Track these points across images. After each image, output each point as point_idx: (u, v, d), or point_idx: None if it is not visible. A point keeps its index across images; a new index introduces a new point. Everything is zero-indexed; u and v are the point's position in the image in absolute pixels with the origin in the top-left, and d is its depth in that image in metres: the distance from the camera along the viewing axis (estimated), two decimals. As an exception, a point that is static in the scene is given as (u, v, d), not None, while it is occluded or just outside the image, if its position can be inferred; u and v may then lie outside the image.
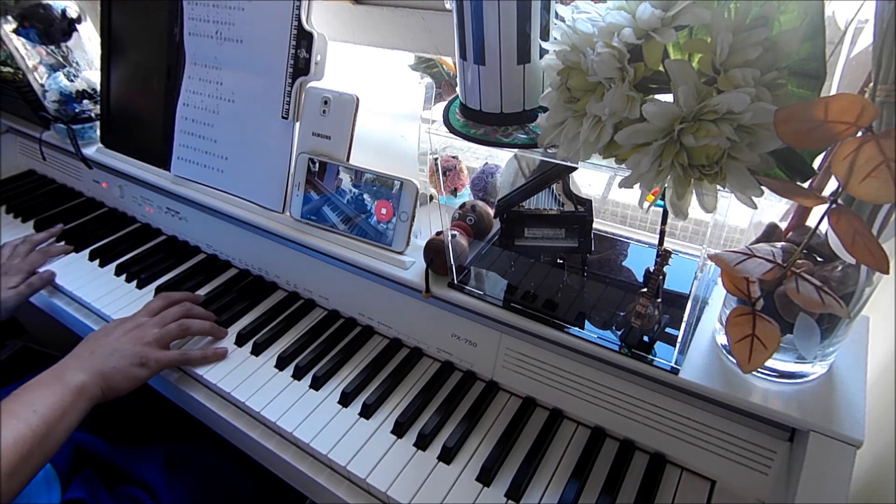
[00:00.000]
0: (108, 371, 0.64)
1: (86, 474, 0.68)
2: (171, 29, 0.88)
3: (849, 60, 0.45)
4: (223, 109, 0.84)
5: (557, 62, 0.44)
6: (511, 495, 0.55)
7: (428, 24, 0.74)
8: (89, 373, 0.63)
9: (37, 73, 1.01)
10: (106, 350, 0.66)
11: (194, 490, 0.71)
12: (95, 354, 0.65)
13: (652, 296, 0.55)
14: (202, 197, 0.87)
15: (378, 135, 0.77)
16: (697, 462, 0.55)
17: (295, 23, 0.73)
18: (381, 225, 0.71)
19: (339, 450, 0.60)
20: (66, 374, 0.62)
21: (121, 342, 0.68)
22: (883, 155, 0.32)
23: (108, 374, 0.64)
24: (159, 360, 0.68)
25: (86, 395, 0.61)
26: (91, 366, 0.64)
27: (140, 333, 0.70)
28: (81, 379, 0.62)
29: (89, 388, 0.62)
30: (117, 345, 0.67)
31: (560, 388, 0.62)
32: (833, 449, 0.47)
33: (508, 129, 0.53)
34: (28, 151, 1.19)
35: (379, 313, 0.75)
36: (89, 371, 0.63)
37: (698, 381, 0.53)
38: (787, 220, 0.51)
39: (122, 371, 0.65)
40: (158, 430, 0.82)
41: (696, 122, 0.37)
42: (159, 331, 0.70)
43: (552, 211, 0.64)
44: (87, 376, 0.62)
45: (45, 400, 0.58)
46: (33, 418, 0.56)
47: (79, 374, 0.62)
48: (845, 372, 0.53)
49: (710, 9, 0.36)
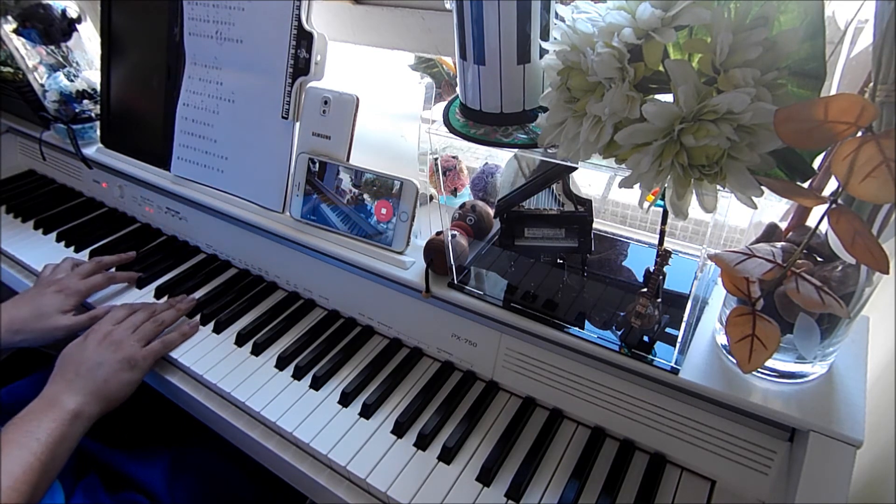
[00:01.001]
0: (99, 387, 0.64)
1: (88, 480, 0.68)
2: (171, 29, 0.88)
3: (849, 60, 0.45)
4: (223, 109, 0.84)
5: (557, 62, 0.44)
6: (511, 495, 0.55)
7: (428, 24, 0.74)
8: (83, 394, 0.62)
9: (37, 73, 1.01)
10: (89, 366, 0.65)
11: (196, 494, 0.71)
12: (81, 373, 0.64)
13: (652, 296, 0.55)
14: (202, 197, 0.87)
15: (378, 135, 0.77)
16: (697, 462, 0.55)
17: (295, 23, 0.73)
18: (381, 225, 0.71)
19: (339, 450, 0.60)
20: (61, 400, 0.61)
21: (100, 354, 0.66)
22: (883, 155, 0.32)
23: (101, 389, 0.64)
24: (146, 357, 0.68)
25: (83, 417, 0.61)
26: (82, 387, 0.63)
27: (114, 339, 0.69)
28: (77, 402, 0.62)
29: (86, 409, 0.62)
30: (98, 357, 0.66)
31: (560, 388, 0.62)
32: (833, 449, 0.47)
33: (508, 129, 0.53)
34: (28, 151, 1.18)
35: (379, 313, 0.75)
36: (82, 392, 0.63)
37: (698, 381, 0.53)
38: (787, 220, 0.51)
39: (113, 381, 0.65)
40: (160, 434, 0.82)
41: (696, 122, 0.37)
42: (135, 332, 0.70)
43: (552, 211, 0.64)
44: (81, 398, 0.62)
45: (46, 427, 0.58)
46: (37, 447, 0.56)
47: (73, 398, 0.62)
48: (845, 372, 0.53)
49: (710, 9, 0.36)
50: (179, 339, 0.73)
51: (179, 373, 0.73)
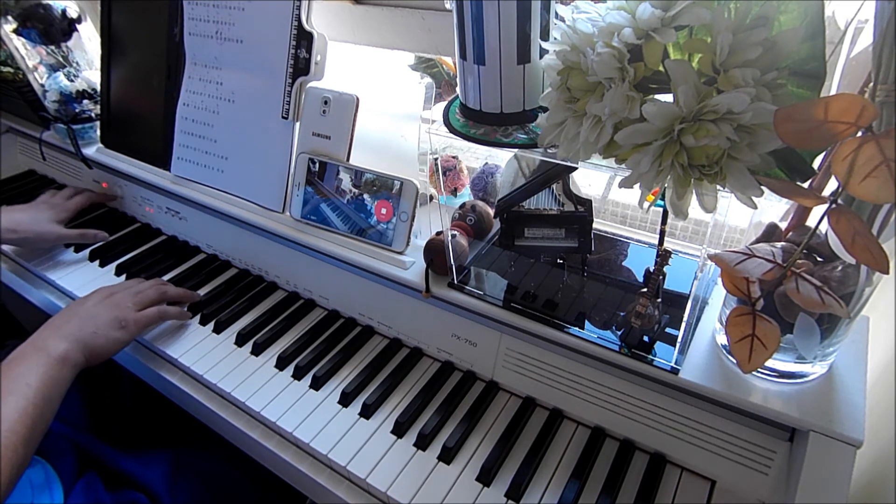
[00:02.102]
0: (87, 336, 0.65)
1: (88, 479, 0.68)
2: (171, 29, 0.88)
3: (849, 60, 0.45)
4: (223, 109, 0.84)
5: (557, 62, 0.44)
6: (511, 495, 0.55)
7: (428, 24, 0.74)
8: (69, 340, 0.63)
9: (37, 73, 1.01)
10: (83, 316, 0.66)
11: (197, 494, 0.71)
12: (73, 322, 0.66)
13: (652, 296, 0.55)
14: (202, 197, 0.87)
15: (378, 135, 0.77)
16: (697, 462, 0.55)
17: (295, 23, 0.73)
18: (381, 225, 0.71)
19: (339, 450, 0.60)
20: (48, 344, 0.62)
21: (97, 308, 0.68)
22: (883, 155, 0.32)
23: (88, 339, 0.65)
24: (138, 321, 0.69)
25: (69, 363, 0.62)
26: (70, 333, 0.64)
27: (117, 299, 0.71)
28: (64, 347, 0.62)
29: (72, 355, 0.62)
30: (94, 311, 0.68)
31: (560, 388, 0.62)
32: (833, 449, 0.47)
33: (508, 129, 0.53)
34: (28, 151, 1.18)
35: (379, 313, 0.75)
36: (69, 339, 0.63)
37: (698, 381, 0.53)
38: (787, 220, 0.51)
39: (102, 335, 0.66)
40: (161, 435, 0.82)
41: (696, 122, 0.37)
42: (136, 296, 0.72)
43: (552, 211, 0.64)
44: (68, 344, 0.63)
45: (35, 372, 0.58)
46: (29, 392, 0.56)
47: (60, 343, 0.62)
48: (845, 372, 0.53)
49: (710, 9, 0.36)
50: (177, 314, 0.74)
51: (179, 373, 0.73)
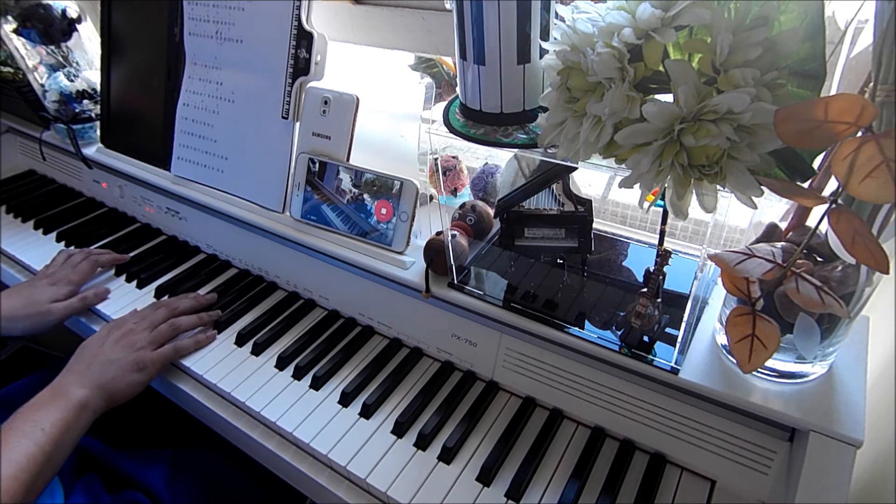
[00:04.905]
0: (107, 382, 0.65)
1: (88, 479, 0.69)
2: (171, 29, 0.88)
3: (849, 60, 0.45)
4: (223, 109, 0.84)
5: (557, 62, 0.44)
6: (511, 495, 0.55)
7: (428, 24, 0.74)
8: (89, 387, 0.64)
9: (37, 73, 1.01)
10: (102, 361, 0.67)
11: (197, 494, 0.71)
12: (92, 368, 0.66)
13: (652, 296, 0.55)
14: (202, 197, 0.87)
15: (378, 135, 0.77)
16: (697, 462, 0.55)
17: (295, 23, 0.73)
18: (381, 225, 0.71)
19: (339, 450, 0.60)
20: (68, 391, 0.63)
21: (115, 352, 0.68)
22: (883, 155, 0.32)
23: (108, 385, 0.65)
24: (155, 361, 0.69)
25: (89, 410, 0.62)
26: (90, 380, 0.64)
27: (132, 339, 0.70)
28: (83, 394, 0.63)
29: (91, 402, 0.63)
30: (112, 355, 0.68)
31: (560, 388, 0.62)
32: (833, 449, 0.47)
33: (508, 129, 0.53)
34: (28, 151, 1.19)
35: (379, 313, 0.75)
36: (89, 385, 0.64)
37: (698, 381, 0.53)
38: (787, 220, 0.51)
39: (121, 380, 0.66)
40: (161, 435, 0.82)
41: (696, 122, 0.37)
42: (150, 334, 0.71)
43: (552, 211, 0.64)
44: (88, 391, 0.63)
45: (51, 417, 0.59)
46: (41, 436, 0.57)
47: (80, 390, 0.63)
48: (845, 372, 0.53)
49: (710, 9, 0.36)
50: (192, 346, 0.73)
51: (180, 373, 0.73)
